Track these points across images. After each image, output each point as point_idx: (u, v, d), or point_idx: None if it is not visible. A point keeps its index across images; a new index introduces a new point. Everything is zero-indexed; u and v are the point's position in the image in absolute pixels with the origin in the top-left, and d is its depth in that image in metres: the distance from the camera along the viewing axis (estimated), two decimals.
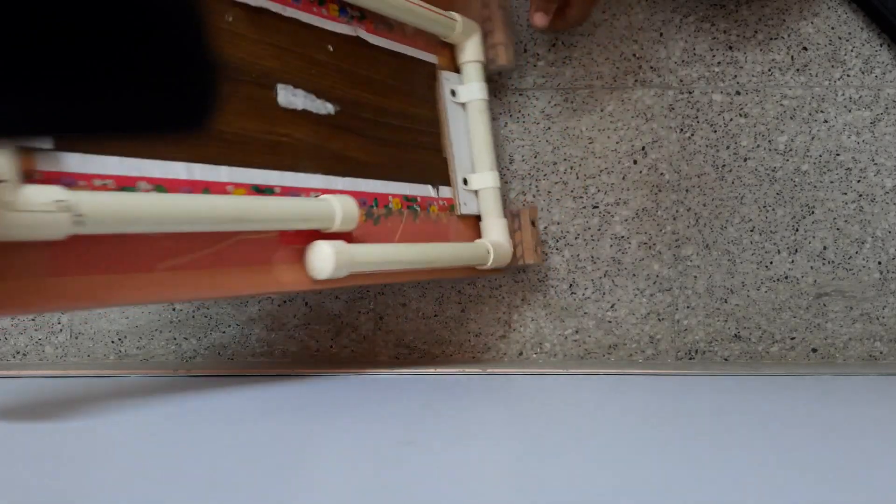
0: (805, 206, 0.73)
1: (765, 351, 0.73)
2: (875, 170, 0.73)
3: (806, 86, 0.74)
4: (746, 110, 0.74)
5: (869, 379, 0.62)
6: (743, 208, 0.73)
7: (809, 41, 0.74)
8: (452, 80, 0.70)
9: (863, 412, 0.47)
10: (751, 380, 0.59)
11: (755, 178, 0.74)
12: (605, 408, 0.49)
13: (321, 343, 0.73)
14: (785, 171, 0.74)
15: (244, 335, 0.72)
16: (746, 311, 0.73)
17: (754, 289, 0.73)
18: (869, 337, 0.73)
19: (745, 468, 0.31)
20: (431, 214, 0.65)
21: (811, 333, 0.73)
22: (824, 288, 0.73)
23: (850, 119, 0.74)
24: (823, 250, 0.73)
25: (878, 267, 0.73)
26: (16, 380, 0.58)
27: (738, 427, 0.41)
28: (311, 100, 0.58)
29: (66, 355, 0.72)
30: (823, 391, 0.55)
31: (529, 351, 0.73)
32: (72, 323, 0.72)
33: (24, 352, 0.72)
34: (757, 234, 0.73)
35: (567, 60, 0.74)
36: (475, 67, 0.70)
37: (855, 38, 0.74)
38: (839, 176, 0.73)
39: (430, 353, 0.73)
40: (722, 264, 0.73)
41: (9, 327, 0.72)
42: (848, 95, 0.74)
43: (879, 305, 0.73)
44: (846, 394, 0.55)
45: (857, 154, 0.74)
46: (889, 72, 0.74)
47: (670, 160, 0.74)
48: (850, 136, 0.74)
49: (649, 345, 0.73)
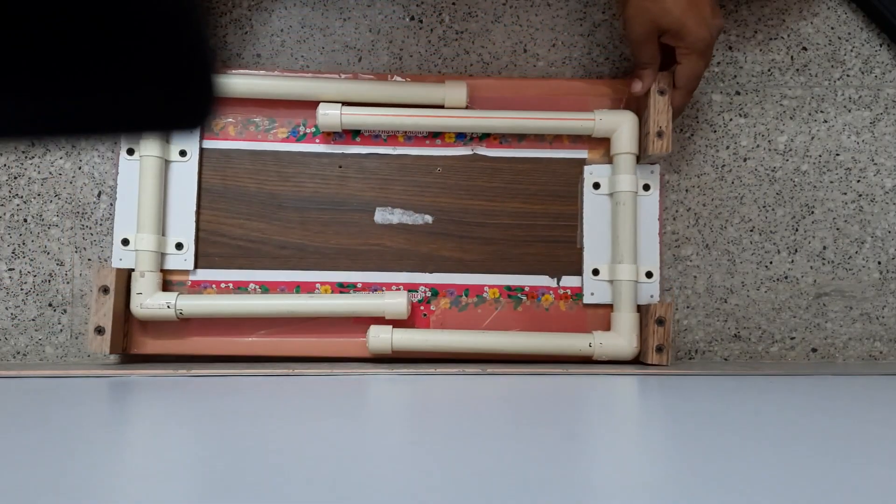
0: (805, 205, 0.73)
1: (764, 351, 0.73)
2: (875, 170, 0.73)
3: (805, 86, 0.74)
4: (746, 110, 0.74)
5: (869, 379, 0.62)
6: (743, 208, 0.73)
7: (809, 41, 0.74)
8: (598, 172, 0.71)
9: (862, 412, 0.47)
10: (751, 380, 0.59)
11: (755, 178, 0.74)
12: (604, 408, 0.49)
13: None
14: (785, 171, 0.74)
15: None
16: (746, 310, 0.73)
17: (754, 289, 0.73)
18: (869, 337, 0.73)
19: (745, 468, 0.31)
20: (543, 303, 0.71)
21: (811, 333, 0.73)
22: (824, 288, 0.73)
23: (850, 119, 0.74)
24: (823, 250, 0.73)
25: (877, 267, 0.73)
26: (16, 380, 0.58)
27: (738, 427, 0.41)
28: (408, 215, 0.70)
29: (66, 355, 0.72)
30: (823, 391, 0.55)
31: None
32: (72, 323, 0.72)
33: (24, 352, 0.72)
34: (757, 234, 0.73)
35: (566, 61, 0.74)
36: (626, 159, 0.69)
37: (854, 37, 0.74)
38: (839, 176, 0.73)
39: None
40: (722, 264, 0.73)
41: (9, 327, 0.72)
42: (847, 95, 0.74)
43: (879, 305, 0.73)
44: (846, 394, 0.55)
45: (856, 154, 0.74)
46: (889, 72, 0.74)
47: (670, 160, 0.74)
48: (849, 136, 0.74)
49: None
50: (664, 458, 0.34)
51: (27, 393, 0.52)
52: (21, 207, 0.73)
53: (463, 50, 0.74)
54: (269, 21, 0.74)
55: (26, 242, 0.72)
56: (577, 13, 0.74)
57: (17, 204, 0.73)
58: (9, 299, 0.72)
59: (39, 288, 0.72)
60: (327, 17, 0.74)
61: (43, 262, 0.72)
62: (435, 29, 0.74)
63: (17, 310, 0.72)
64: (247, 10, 0.74)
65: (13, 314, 0.72)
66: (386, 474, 0.31)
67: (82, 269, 0.72)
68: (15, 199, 0.73)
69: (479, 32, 0.74)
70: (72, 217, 0.73)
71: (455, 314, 0.70)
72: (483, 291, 0.71)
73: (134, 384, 0.56)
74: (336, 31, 0.74)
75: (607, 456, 0.34)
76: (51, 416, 0.44)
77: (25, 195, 0.73)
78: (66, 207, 0.73)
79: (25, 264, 0.72)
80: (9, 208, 0.72)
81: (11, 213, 0.72)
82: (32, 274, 0.72)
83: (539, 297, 0.71)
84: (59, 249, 0.72)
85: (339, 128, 0.70)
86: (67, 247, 0.72)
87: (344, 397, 0.52)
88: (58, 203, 0.73)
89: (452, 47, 0.74)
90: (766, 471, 0.30)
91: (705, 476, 0.30)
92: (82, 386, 0.56)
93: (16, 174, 0.73)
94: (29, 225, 0.72)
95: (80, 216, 0.73)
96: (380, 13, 0.74)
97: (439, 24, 0.74)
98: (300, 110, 0.71)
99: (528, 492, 0.27)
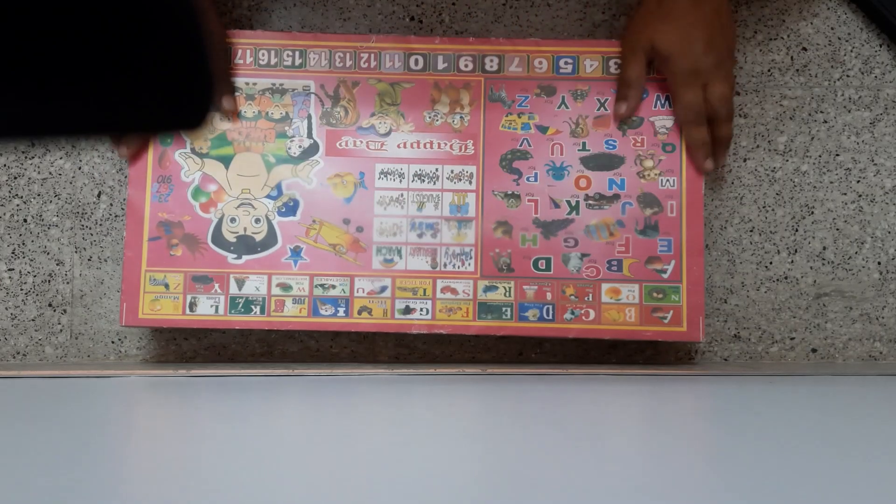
0: (804, 206, 0.73)
1: (764, 351, 0.73)
2: (875, 170, 0.73)
3: (805, 86, 0.74)
4: (746, 110, 0.74)
5: (869, 379, 0.62)
6: (742, 208, 0.73)
7: (809, 41, 0.74)
8: None
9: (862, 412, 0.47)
10: (751, 380, 0.59)
11: (755, 178, 0.74)
12: (604, 408, 0.49)
13: (321, 343, 0.73)
14: (784, 171, 0.74)
15: (244, 335, 0.72)
16: (746, 311, 0.73)
17: (754, 289, 0.73)
18: (869, 337, 0.73)
19: (745, 468, 0.31)
20: None
21: (811, 334, 0.73)
22: (824, 288, 0.73)
23: (850, 119, 0.74)
24: (823, 250, 0.73)
25: (877, 267, 0.73)
26: (16, 380, 0.58)
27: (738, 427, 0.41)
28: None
29: (66, 355, 0.72)
30: (823, 391, 0.55)
31: (528, 351, 0.73)
32: (72, 323, 0.72)
33: (24, 352, 0.72)
34: (756, 234, 0.73)
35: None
36: None
37: (854, 38, 0.74)
38: (839, 176, 0.73)
39: (430, 352, 0.73)
40: (722, 264, 0.73)
41: (9, 327, 0.72)
42: (847, 96, 0.74)
43: (879, 305, 0.73)
44: (846, 394, 0.55)
45: (856, 154, 0.74)
46: (888, 72, 0.74)
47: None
48: (849, 137, 0.74)
49: (649, 345, 0.73)
50: (664, 459, 0.34)
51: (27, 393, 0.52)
52: (21, 207, 0.73)
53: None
54: (269, 21, 0.74)
55: (26, 242, 0.72)
56: (577, 13, 0.74)
57: (16, 204, 0.73)
58: (9, 299, 0.72)
59: (39, 288, 0.72)
60: (327, 18, 0.74)
61: (43, 262, 0.72)
62: (435, 29, 0.74)
63: (16, 310, 0.72)
64: (247, 11, 0.74)
65: (13, 314, 0.72)
66: (386, 474, 0.31)
67: (82, 269, 0.72)
68: (15, 199, 0.73)
69: (478, 32, 0.74)
70: (72, 217, 0.73)
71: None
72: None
73: (134, 384, 0.56)
74: (336, 31, 0.74)
75: (607, 456, 0.34)
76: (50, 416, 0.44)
77: (25, 195, 0.73)
78: (66, 207, 0.73)
79: (25, 264, 0.72)
80: (9, 208, 0.73)
81: (11, 213, 0.72)
82: (32, 274, 0.72)
83: None
84: (59, 249, 0.72)
85: None
86: (67, 247, 0.72)
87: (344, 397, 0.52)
88: (58, 203, 0.73)
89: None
90: (766, 471, 0.30)
91: (705, 476, 0.30)
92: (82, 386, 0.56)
93: (16, 174, 0.73)
94: (29, 225, 0.73)
95: (80, 216, 0.73)
96: (380, 13, 0.74)
97: (439, 24, 0.74)
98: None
99: (529, 492, 0.27)
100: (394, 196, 0.69)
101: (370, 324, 0.67)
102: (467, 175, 0.69)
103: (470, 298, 0.67)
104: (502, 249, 0.68)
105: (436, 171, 0.69)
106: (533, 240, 0.68)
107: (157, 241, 0.68)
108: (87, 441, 0.37)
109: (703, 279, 0.67)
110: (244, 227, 0.69)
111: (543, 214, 0.68)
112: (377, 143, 0.69)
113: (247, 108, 0.70)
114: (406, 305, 0.67)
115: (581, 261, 0.67)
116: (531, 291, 0.67)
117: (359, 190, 0.69)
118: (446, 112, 0.69)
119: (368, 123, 0.69)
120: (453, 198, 0.69)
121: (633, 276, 0.67)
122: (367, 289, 0.68)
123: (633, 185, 0.68)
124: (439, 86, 0.69)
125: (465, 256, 0.68)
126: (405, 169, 0.69)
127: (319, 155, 0.69)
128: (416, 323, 0.67)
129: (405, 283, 0.68)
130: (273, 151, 0.69)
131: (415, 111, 0.69)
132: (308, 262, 0.68)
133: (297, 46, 0.70)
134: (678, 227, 0.68)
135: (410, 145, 0.69)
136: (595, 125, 0.69)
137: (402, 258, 0.68)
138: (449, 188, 0.69)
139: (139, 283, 0.68)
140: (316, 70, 0.70)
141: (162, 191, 0.69)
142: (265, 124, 0.70)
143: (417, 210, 0.68)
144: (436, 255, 0.68)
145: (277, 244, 0.69)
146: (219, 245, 0.69)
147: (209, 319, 0.67)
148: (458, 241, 0.68)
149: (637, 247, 0.68)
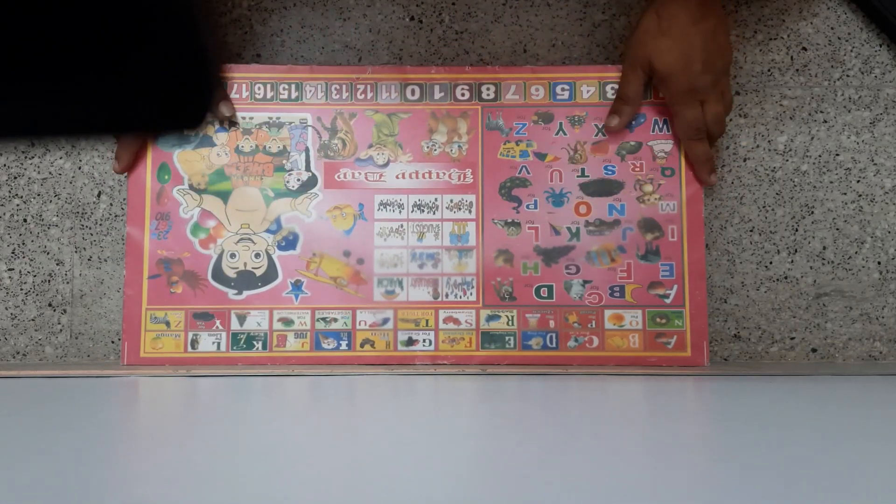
0: (804, 206, 0.73)
1: (764, 351, 0.73)
2: (875, 170, 0.73)
3: (805, 86, 0.74)
4: (746, 110, 0.74)
5: (869, 379, 0.62)
6: (742, 208, 0.73)
7: (809, 41, 0.74)
8: None
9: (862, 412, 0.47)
10: (751, 380, 0.59)
11: (755, 178, 0.74)
12: (603, 409, 0.49)
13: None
14: (784, 171, 0.74)
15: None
16: (746, 311, 0.73)
17: (754, 289, 0.73)
18: (869, 337, 0.73)
19: (745, 469, 0.31)
20: None
21: (811, 333, 0.73)
22: (824, 288, 0.73)
23: (850, 119, 0.74)
24: (823, 250, 0.73)
25: (877, 267, 0.73)
26: (16, 380, 0.58)
27: (738, 427, 0.41)
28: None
29: (66, 355, 0.72)
30: (823, 391, 0.55)
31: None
32: (72, 323, 0.72)
33: (24, 352, 0.72)
34: (756, 234, 0.73)
35: (566, 62, 0.74)
36: None
37: (854, 38, 0.74)
38: (839, 176, 0.73)
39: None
40: (721, 264, 0.73)
41: (9, 327, 0.72)
42: (847, 95, 0.74)
43: (879, 305, 0.73)
44: (846, 394, 0.55)
45: (856, 154, 0.74)
46: (888, 72, 0.74)
47: None
48: (849, 137, 0.74)
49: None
50: (664, 459, 0.34)
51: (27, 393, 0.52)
52: (21, 207, 0.73)
53: (463, 50, 0.74)
54: (269, 21, 0.74)
55: (26, 242, 0.72)
56: (577, 13, 0.74)
57: (16, 204, 0.73)
58: (9, 299, 0.72)
59: (39, 288, 0.72)
60: (327, 17, 0.74)
61: (43, 262, 0.72)
62: (435, 29, 0.74)
63: (16, 310, 0.72)
64: (247, 10, 0.74)
65: (13, 314, 0.72)
66: (386, 474, 0.31)
67: (82, 269, 0.72)
68: (15, 199, 0.73)
69: (478, 32, 0.74)
70: (72, 217, 0.73)
71: None
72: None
73: (134, 384, 0.57)
74: (336, 31, 0.74)
75: (607, 456, 0.34)
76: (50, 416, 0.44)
77: (25, 195, 0.73)
78: (66, 207, 0.73)
79: (25, 264, 0.72)
80: (9, 208, 0.73)
81: (11, 213, 0.73)
82: (32, 274, 0.72)
83: None
84: (59, 249, 0.72)
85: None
86: (67, 247, 0.72)
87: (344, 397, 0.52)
88: (58, 203, 0.73)
89: (452, 47, 0.74)
90: (766, 471, 0.30)
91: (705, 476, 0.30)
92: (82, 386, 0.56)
93: (16, 174, 0.73)
94: (29, 225, 0.73)
95: (80, 216, 0.73)
96: (380, 13, 0.74)
97: (439, 24, 0.74)
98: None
99: (529, 491, 0.27)
100: (394, 227, 0.68)
101: (373, 356, 0.67)
102: (467, 204, 0.69)
103: (472, 328, 0.67)
104: (504, 278, 0.67)
105: (435, 200, 0.69)
106: (534, 267, 0.67)
107: (157, 279, 0.67)
108: (88, 441, 0.37)
109: (707, 303, 0.67)
110: (244, 263, 0.68)
111: (544, 242, 0.68)
112: (376, 174, 0.68)
113: (244, 143, 0.69)
114: (409, 337, 0.67)
115: (583, 287, 0.67)
116: (534, 320, 0.67)
117: (358, 222, 0.68)
118: (444, 141, 0.69)
119: (366, 155, 0.69)
120: (453, 227, 0.68)
121: (635, 301, 0.67)
122: (369, 321, 0.67)
123: (633, 209, 0.68)
124: (436, 115, 0.69)
125: (466, 286, 0.67)
126: (404, 199, 0.69)
127: (318, 188, 0.68)
128: (420, 354, 0.67)
129: (407, 315, 0.67)
130: (271, 185, 0.68)
131: (412, 141, 0.69)
132: (309, 296, 0.67)
133: (293, 80, 0.69)
134: (679, 251, 0.68)
135: (409, 175, 0.69)
136: (593, 151, 0.69)
137: (403, 289, 0.67)
138: (449, 217, 0.68)
139: (140, 321, 0.67)
140: (312, 102, 0.69)
141: (161, 228, 0.68)
142: (263, 158, 0.69)
143: (418, 240, 0.68)
144: (437, 286, 0.68)
145: (278, 278, 0.68)
146: (219, 281, 0.68)
147: (211, 356, 0.67)
148: (460, 271, 0.68)
149: (639, 272, 0.67)
